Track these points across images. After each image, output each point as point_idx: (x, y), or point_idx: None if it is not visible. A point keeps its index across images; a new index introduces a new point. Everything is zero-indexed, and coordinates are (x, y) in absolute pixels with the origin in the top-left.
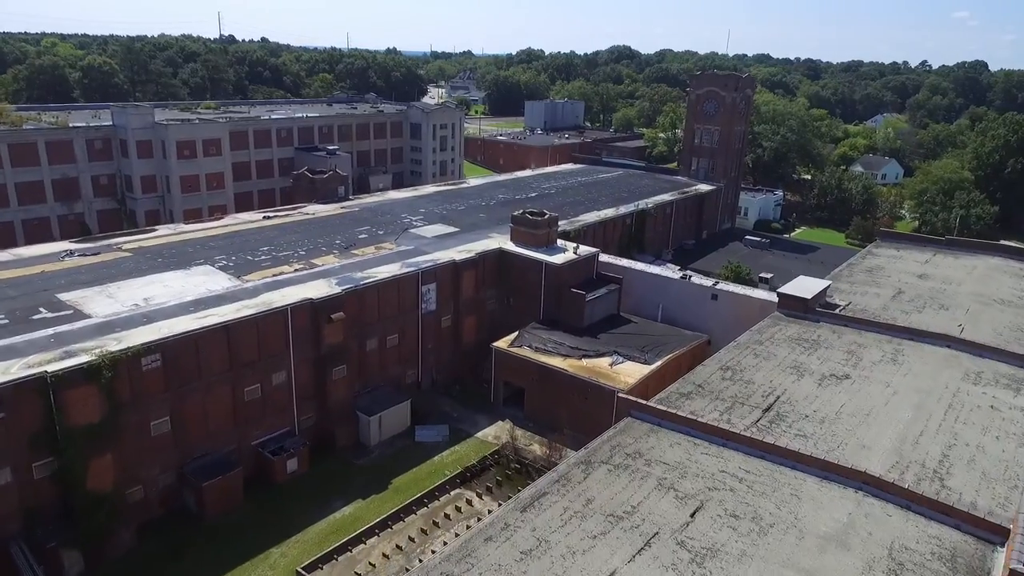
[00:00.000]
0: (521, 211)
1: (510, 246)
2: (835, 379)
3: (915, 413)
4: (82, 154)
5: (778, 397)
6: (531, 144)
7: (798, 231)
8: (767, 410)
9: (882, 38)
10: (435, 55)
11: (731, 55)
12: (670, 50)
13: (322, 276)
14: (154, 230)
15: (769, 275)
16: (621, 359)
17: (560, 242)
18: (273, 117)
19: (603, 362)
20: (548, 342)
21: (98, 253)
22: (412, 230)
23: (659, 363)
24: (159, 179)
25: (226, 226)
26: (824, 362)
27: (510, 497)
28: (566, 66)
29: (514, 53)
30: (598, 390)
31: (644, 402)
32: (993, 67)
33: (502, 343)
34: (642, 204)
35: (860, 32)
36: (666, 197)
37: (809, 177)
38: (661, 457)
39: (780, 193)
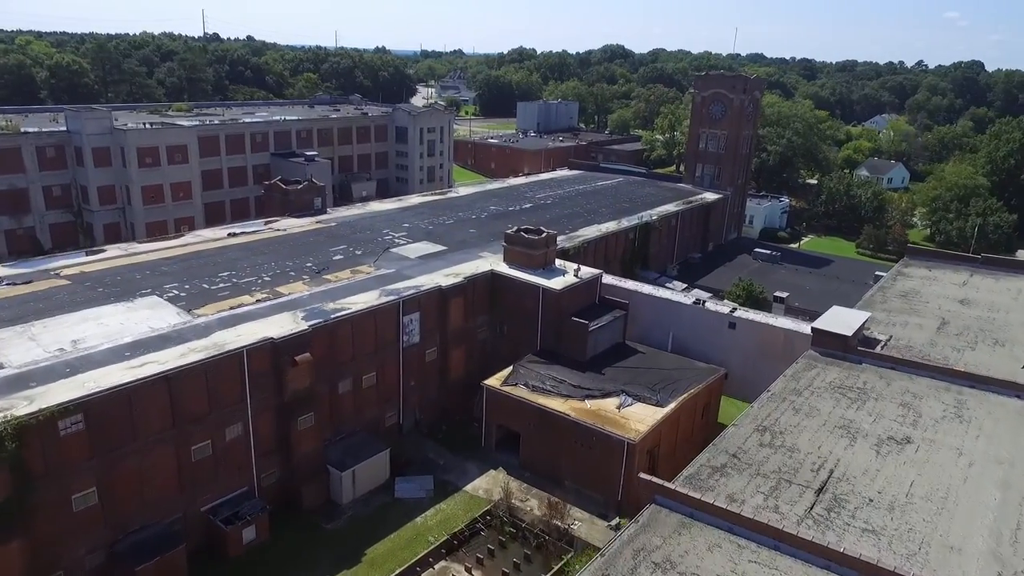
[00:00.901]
0: (515, 228)
1: (503, 268)
2: (895, 443)
3: (1003, 494)
4: (32, 163)
5: (831, 471)
6: (524, 148)
7: (805, 240)
8: (821, 491)
9: (875, 38)
10: (425, 54)
11: (725, 54)
12: (663, 49)
13: (288, 308)
14: (102, 251)
15: (784, 294)
16: (630, 400)
17: (559, 262)
18: (247, 120)
19: (610, 404)
20: (547, 379)
21: (30, 281)
22: (394, 249)
23: (673, 405)
24: (119, 189)
25: (185, 245)
26: (877, 419)
27: (505, 572)
28: (559, 65)
29: (505, 52)
30: (605, 439)
31: (671, 487)
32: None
33: (494, 380)
34: (646, 216)
35: (851, 32)
36: (670, 208)
37: (815, 182)
38: (697, 568)
39: (786, 200)
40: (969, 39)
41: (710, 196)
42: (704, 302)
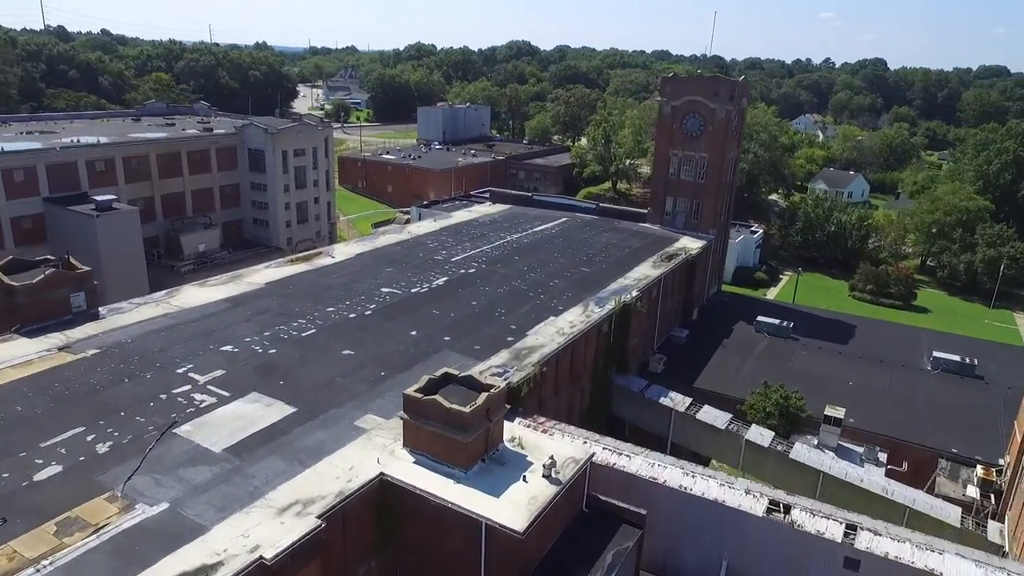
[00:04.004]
0: (425, 379)
1: (403, 467)
2: None
3: None
4: None
5: None
6: (428, 166)
7: (784, 280)
8: None
9: (759, 35)
10: (314, 51)
11: (631, 51)
12: (568, 46)
13: None
14: None
15: (839, 412)
16: None
17: (509, 434)
18: (4, 149)
19: None
20: None
21: None
22: (182, 429)
23: None
24: None
25: None
26: None
27: None
28: (462, 63)
29: (402, 48)
30: None
31: None
32: (839, 65)
33: None
34: (622, 292)
35: (734, 29)
36: (648, 270)
37: (775, 199)
38: None
39: (759, 231)
40: (844, 38)
41: (691, 244)
42: (788, 508)
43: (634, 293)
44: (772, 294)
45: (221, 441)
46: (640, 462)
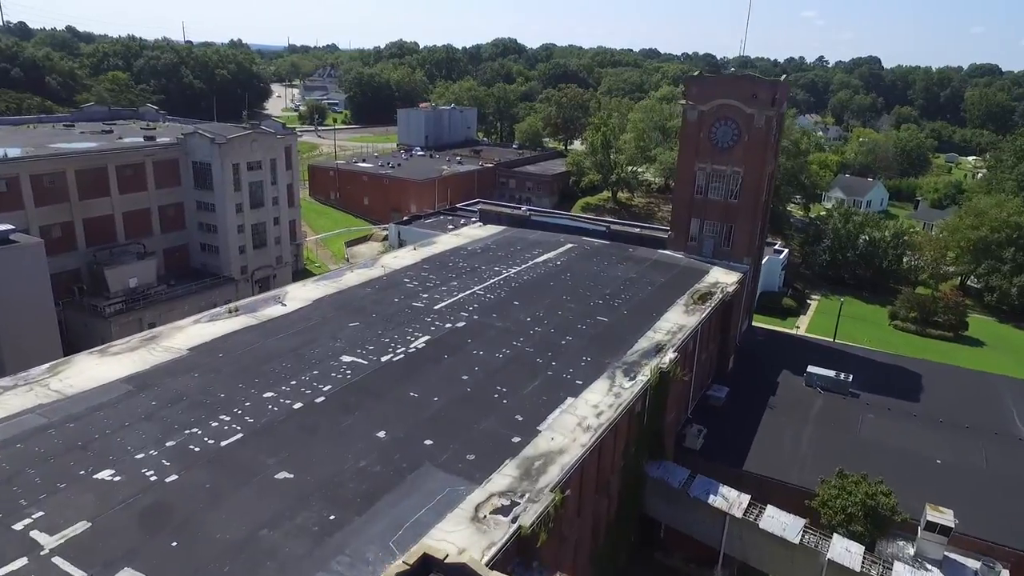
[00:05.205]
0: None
1: None
2: None
3: None
4: None
5: None
6: (409, 176)
7: (813, 305)
8: None
9: (736, 34)
10: (292, 49)
11: (618, 48)
12: (554, 44)
13: None
14: None
15: (945, 516)
16: None
17: None
18: None
19: None
20: None
21: None
22: None
23: None
24: None
25: None
26: None
27: None
28: (446, 62)
29: (383, 46)
30: None
31: None
32: (832, 63)
33: None
34: (656, 353)
35: (718, 26)
36: (682, 317)
37: (792, 212)
38: None
39: (784, 251)
40: (824, 37)
41: (724, 277)
42: None
43: (671, 355)
44: (803, 324)
45: None
46: None
